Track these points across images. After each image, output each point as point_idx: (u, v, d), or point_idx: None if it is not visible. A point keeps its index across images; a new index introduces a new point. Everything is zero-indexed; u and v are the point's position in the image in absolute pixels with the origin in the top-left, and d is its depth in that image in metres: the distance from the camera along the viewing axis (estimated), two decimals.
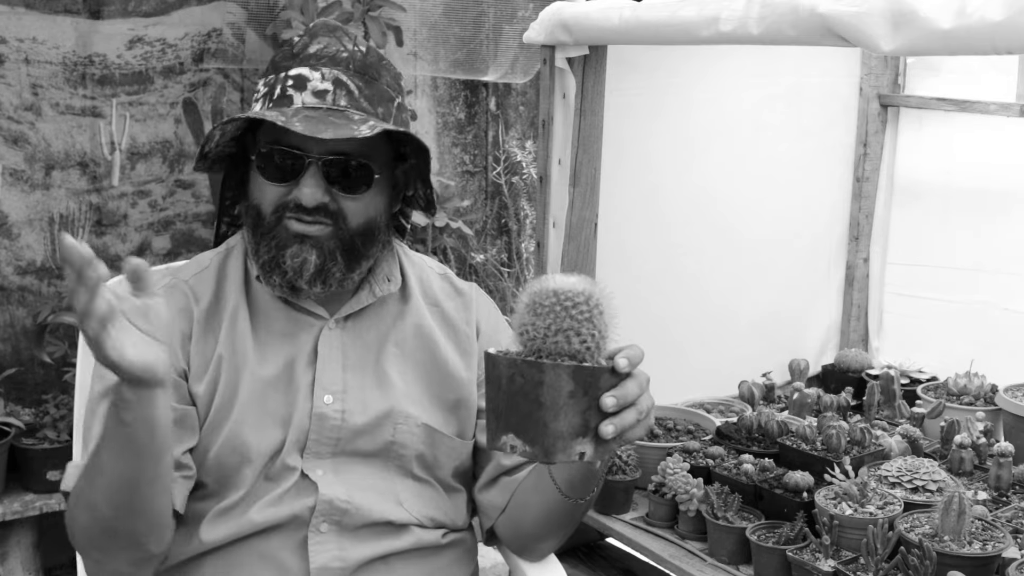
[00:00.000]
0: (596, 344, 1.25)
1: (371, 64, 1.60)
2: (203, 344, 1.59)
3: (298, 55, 1.58)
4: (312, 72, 1.55)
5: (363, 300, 1.65)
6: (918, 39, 1.76)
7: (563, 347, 1.23)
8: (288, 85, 1.55)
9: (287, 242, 1.54)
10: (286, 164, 1.54)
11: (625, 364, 1.24)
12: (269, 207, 1.56)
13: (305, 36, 1.61)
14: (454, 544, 1.68)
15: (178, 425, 1.53)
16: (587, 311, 1.25)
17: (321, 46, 1.58)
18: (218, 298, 1.63)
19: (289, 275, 1.55)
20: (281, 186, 1.55)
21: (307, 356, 1.61)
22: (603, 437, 1.23)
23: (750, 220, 3.05)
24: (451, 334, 1.72)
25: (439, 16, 4.06)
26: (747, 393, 2.88)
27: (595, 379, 1.23)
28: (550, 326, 1.24)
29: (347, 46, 1.59)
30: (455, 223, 3.86)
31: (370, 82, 1.58)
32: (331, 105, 1.53)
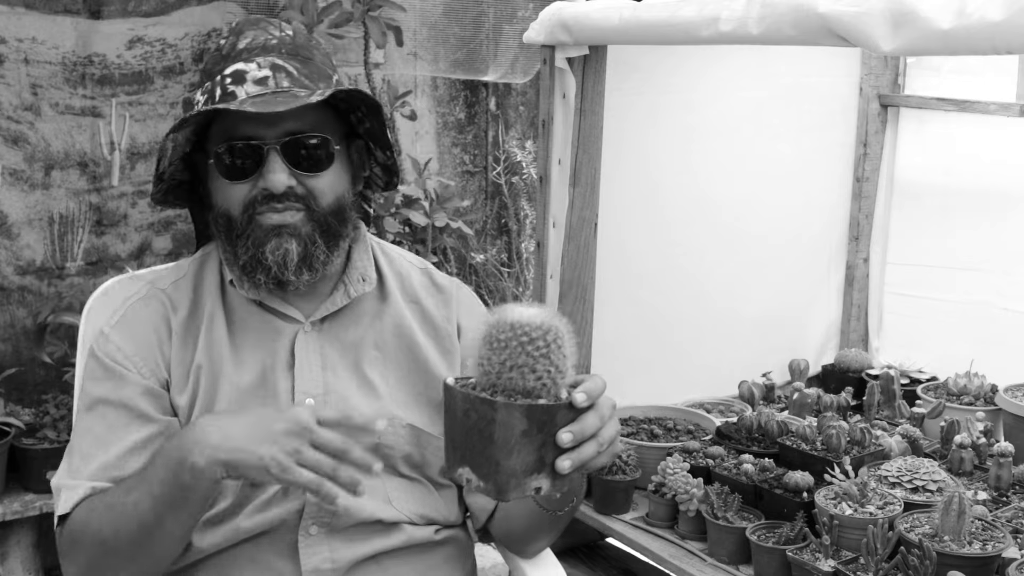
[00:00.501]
0: (552, 380, 1.22)
1: (301, 45, 1.59)
2: (182, 353, 1.58)
3: (228, 55, 1.56)
4: (247, 64, 1.54)
5: (338, 301, 1.63)
6: (918, 39, 1.76)
7: (518, 384, 1.21)
8: (227, 83, 1.53)
9: (264, 238, 1.53)
10: (245, 157, 1.52)
11: (583, 399, 1.22)
12: (238, 207, 1.54)
13: (230, 36, 1.60)
14: (448, 541, 1.67)
15: (162, 438, 1.53)
16: (543, 346, 1.21)
17: (249, 39, 1.57)
18: (196, 305, 1.62)
19: (274, 270, 1.53)
20: (245, 182, 1.53)
21: (284, 361, 1.60)
22: (560, 472, 1.21)
23: (750, 220, 3.05)
24: (431, 332, 1.69)
25: (439, 16, 4.06)
26: (747, 393, 2.88)
27: (550, 416, 1.21)
28: (505, 361, 1.21)
29: (274, 33, 1.58)
30: (455, 223, 3.86)
31: (305, 61, 1.57)
32: (275, 88, 1.52)
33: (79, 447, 1.54)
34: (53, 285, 3.26)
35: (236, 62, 1.54)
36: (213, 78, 1.55)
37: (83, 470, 1.51)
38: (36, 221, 3.23)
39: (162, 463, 1.39)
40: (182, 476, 1.35)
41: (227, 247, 1.57)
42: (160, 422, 1.54)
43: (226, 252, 1.58)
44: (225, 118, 1.53)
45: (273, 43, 1.56)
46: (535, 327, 1.21)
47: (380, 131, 1.64)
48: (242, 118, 1.51)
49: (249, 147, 1.52)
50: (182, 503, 1.39)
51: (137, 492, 1.41)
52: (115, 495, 1.45)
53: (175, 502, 1.38)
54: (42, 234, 3.25)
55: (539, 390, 1.21)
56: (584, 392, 1.22)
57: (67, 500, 1.50)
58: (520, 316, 1.22)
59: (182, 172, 1.64)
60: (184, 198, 1.69)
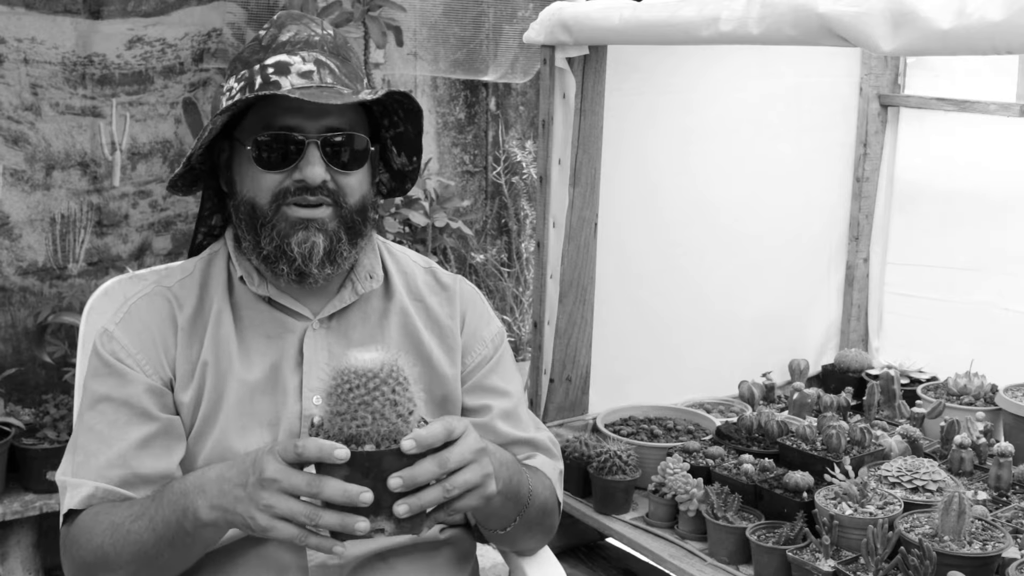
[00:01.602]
0: (377, 426, 1.23)
1: (341, 45, 1.61)
2: (188, 351, 1.59)
3: (269, 46, 1.56)
4: (291, 57, 1.54)
5: (346, 299, 1.64)
6: (918, 39, 1.76)
7: (343, 431, 1.23)
8: (269, 72, 1.53)
9: (291, 229, 1.53)
10: (286, 148, 1.53)
11: (411, 446, 1.21)
12: (266, 196, 1.54)
13: (272, 28, 1.60)
14: (452, 541, 1.67)
15: (165, 436, 1.54)
16: (364, 394, 1.22)
17: (292, 33, 1.57)
18: (202, 303, 1.62)
19: (298, 262, 1.54)
20: (279, 173, 1.54)
21: (293, 358, 1.60)
22: (398, 516, 1.22)
23: (750, 220, 3.05)
24: (435, 329, 1.70)
25: (439, 16, 4.06)
26: (747, 393, 2.89)
27: (374, 463, 1.22)
28: (332, 409, 1.24)
29: (316, 30, 1.59)
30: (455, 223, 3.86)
31: (344, 61, 1.59)
32: (319, 83, 1.53)
33: (82, 444, 1.54)
34: (54, 286, 3.26)
35: (279, 53, 1.55)
36: (251, 67, 1.55)
37: (87, 467, 1.52)
38: (37, 222, 3.23)
39: (168, 503, 1.41)
40: (184, 523, 1.37)
41: (247, 235, 1.57)
42: (162, 420, 1.54)
43: (247, 240, 1.58)
44: (266, 107, 1.53)
45: (316, 39, 1.57)
46: (359, 374, 1.23)
47: (415, 136, 1.65)
48: (284, 109, 1.51)
49: (290, 138, 1.52)
50: (182, 545, 1.41)
51: (141, 523, 1.43)
52: (121, 516, 1.46)
53: (175, 543, 1.40)
54: (43, 235, 3.25)
55: (362, 436, 1.23)
56: (414, 439, 1.22)
57: (72, 497, 1.51)
58: (347, 364, 1.24)
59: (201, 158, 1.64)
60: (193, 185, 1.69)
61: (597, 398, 2.83)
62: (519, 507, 1.58)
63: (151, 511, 1.42)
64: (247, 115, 1.56)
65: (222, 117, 1.53)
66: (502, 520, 1.59)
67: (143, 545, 1.42)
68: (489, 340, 1.74)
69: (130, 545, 1.43)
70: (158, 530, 1.40)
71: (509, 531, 1.61)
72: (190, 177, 1.65)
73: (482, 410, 1.69)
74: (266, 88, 1.51)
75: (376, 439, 1.23)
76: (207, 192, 1.70)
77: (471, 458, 1.29)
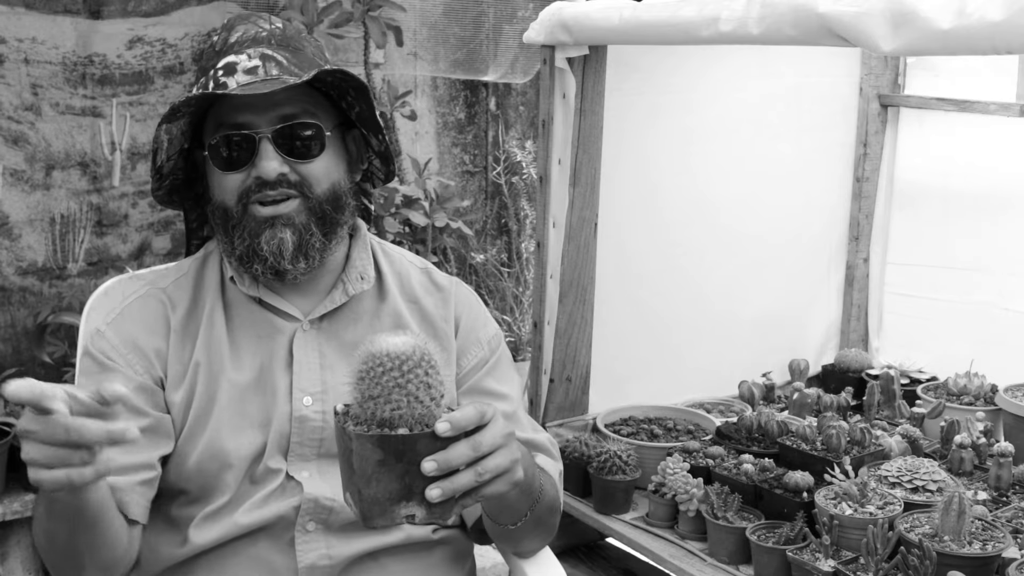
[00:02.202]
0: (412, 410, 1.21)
1: (291, 36, 1.60)
2: (180, 351, 1.59)
3: (221, 49, 1.58)
4: (238, 56, 1.54)
5: (336, 299, 1.64)
6: (918, 39, 1.76)
7: (375, 414, 1.21)
8: (219, 75, 1.53)
9: (259, 228, 1.53)
10: (239, 147, 1.53)
11: (446, 428, 1.19)
12: (232, 198, 1.55)
13: (222, 32, 1.61)
14: (446, 541, 1.67)
15: (152, 432, 1.53)
16: (398, 376, 1.20)
17: (240, 33, 1.58)
18: (195, 303, 1.62)
19: (270, 260, 1.53)
20: (238, 173, 1.54)
21: (283, 359, 1.60)
22: (431, 501, 1.20)
23: (750, 220, 3.05)
24: (430, 332, 1.68)
25: (439, 16, 4.06)
26: (747, 393, 2.89)
27: (408, 446, 1.20)
28: (364, 392, 1.22)
29: (264, 26, 1.59)
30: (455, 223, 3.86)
31: (295, 52, 1.58)
32: (264, 77, 1.53)
33: None
34: (54, 286, 3.26)
35: (227, 55, 1.56)
36: (207, 72, 1.56)
37: None
38: (37, 222, 3.23)
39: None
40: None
41: (224, 239, 1.58)
42: (151, 416, 1.54)
43: (223, 244, 1.59)
44: (219, 109, 1.54)
45: (263, 35, 1.58)
46: (392, 357, 1.21)
47: (369, 114, 1.64)
48: (234, 108, 1.52)
49: (241, 136, 1.53)
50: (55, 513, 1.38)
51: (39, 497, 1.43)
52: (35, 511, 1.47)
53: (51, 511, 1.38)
54: (43, 235, 3.25)
55: (396, 420, 1.21)
56: (448, 421, 1.20)
57: None
58: (379, 347, 1.22)
59: (183, 171, 1.64)
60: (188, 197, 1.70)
61: (597, 398, 2.83)
62: (531, 501, 1.57)
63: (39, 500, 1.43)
64: (206, 120, 1.57)
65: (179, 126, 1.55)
66: (515, 514, 1.57)
67: (40, 517, 1.42)
68: (486, 342, 1.73)
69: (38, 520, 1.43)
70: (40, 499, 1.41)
71: (519, 526, 1.59)
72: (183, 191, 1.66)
73: None
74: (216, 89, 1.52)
75: (410, 423, 1.21)
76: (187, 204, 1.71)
77: (501, 442, 1.26)
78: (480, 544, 1.75)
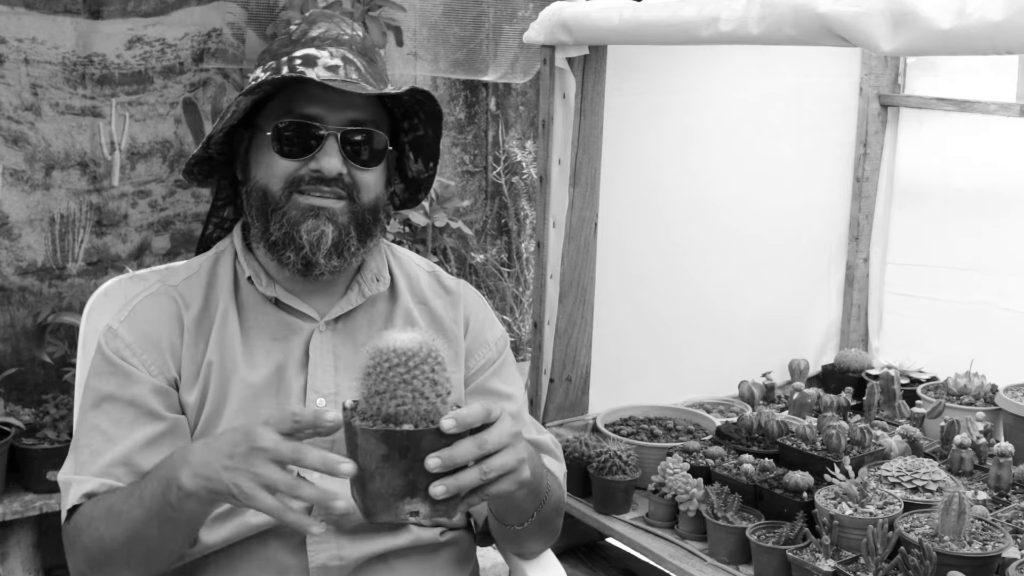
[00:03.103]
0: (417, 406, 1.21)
1: (369, 47, 1.62)
2: (193, 350, 1.58)
3: (298, 40, 1.58)
4: (319, 51, 1.55)
5: (353, 301, 1.64)
6: (918, 39, 1.76)
7: (381, 410, 1.21)
8: (296, 63, 1.54)
9: (301, 217, 1.53)
10: (305, 137, 1.53)
11: (451, 425, 1.19)
12: (278, 184, 1.54)
13: (303, 23, 1.62)
14: (453, 542, 1.67)
15: (172, 435, 1.53)
16: (404, 372, 1.21)
17: (322, 30, 1.59)
18: (208, 302, 1.62)
19: (305, 249, 1.53)
20: (295, 161, 1.54)
21: (298, 360, 1.60)
22: (435, 498, 1.20)
23: (750, 220, 3.05)
24: (439, 333, 1.68)
25: (439, 16, 4.06)
26: (747, 393, 2.89)
27: (413, 442, 1.20)
28: (370, 388, 1.22)
29: (346, 30, 1.61)
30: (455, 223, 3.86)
31: (371, 62, 1.60)
32: (344, 78, 1.54)
33: (86, 443, 1.54)
34: (54, 285, 3.26)
35: (308, 47, 1.56)
36: (279, 58, 1.56)
37: (91, 466, 1.51)
38: (37, 221, 3.23)
39: (155, 477, 1.40)
40: (169, 495, 1.36)
41: (257, 222, 1.57)
42: (168, 420, 1.54)
43: (254, 227, 1.58)
44: (290, 95, 1.54)
45: (345, 38, 1.59)
46: (398, 353, 1.21)
47: (433, 140, 1.66)
48: (307, 99, 1.52)
49: (311, 127, 1.53)
50: (169, 520, 1.39)
51: (132, 500, 1.42)
52: (115, 499, 1.46)
53: (163, 518, 1.39)
54: (43, 234, 3.25)
55: (401, 416, 1.21)
56: (454, 419, 1.20)
57: (76, 493, 1.50)
58: (386, 343, 1.23)
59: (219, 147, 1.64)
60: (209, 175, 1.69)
61: (597, 398, 2.83)
62: (538, 501, 1.57)
63: (140, 487, 1.42)
64: (270, 102, 1.56)
65: (246, 99, 1.53)
66: (521, 515, 1.57)
67: (134, 523, 1.41)
68: (492, 344, 1.74)
69: (122, 524, 1.42)
70: (146, 504, 1.39)
71: (526, 527, 1.59)
72: (207, 167, 1.65)
73: None
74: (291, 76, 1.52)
75: (415, 419, 1.22)
76: (222, 182, 1.70)
77: (508, 441, 1.26)
78: (482, 546, 1.76)
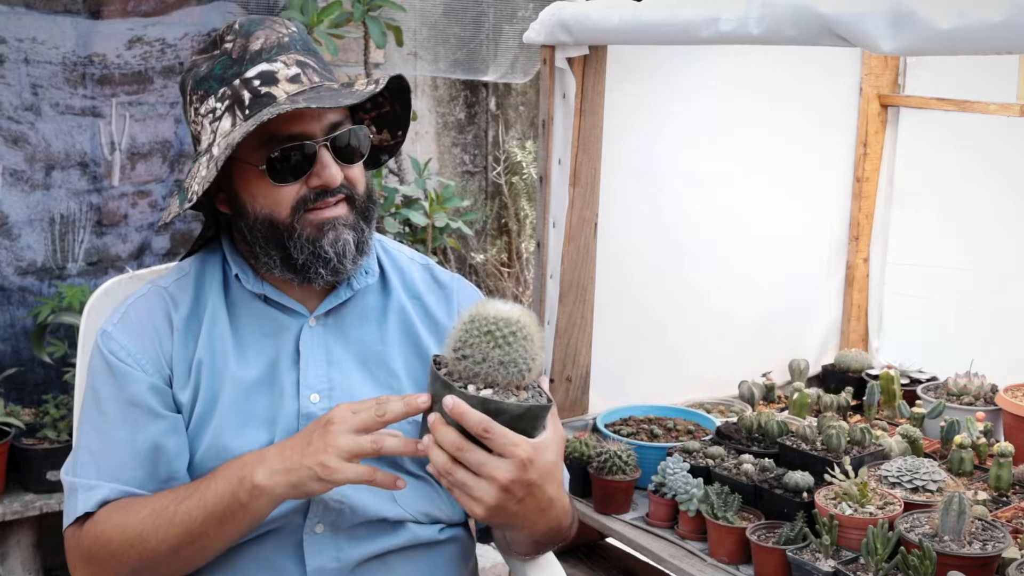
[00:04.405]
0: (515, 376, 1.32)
1: (308, 40, 1.60)
2: (184, 350, 1.58)
3: (242, 58, 1.53)
4: (272, 64, 1.52)
5: (342, 295, 1.64)
6: (918, 39, 1.76)
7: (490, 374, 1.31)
8: (256, 85, 1.50)
9: (319, 233, 1.53)
10: (298, 157, 1.51)
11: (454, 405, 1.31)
12: (285, 210, 1.53)
13: (236, 38, 1.55)
14: (451, 540, 1.67)
15: (175, 434, 1.54)
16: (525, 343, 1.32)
17: (262, 40, 1.54)
18: (197, 302, 1.62)
19: (333, 261, 1.54)
20: (293, 184, 1.53)
21: (290, 356, 1.60)
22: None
23: (750, 220, 3.05)
24: (433, 328, 1.69)
25: (439, 16, 4.06)
26: (747, 393, 2.89)
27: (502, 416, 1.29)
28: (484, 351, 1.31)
29: (283, 31, 1.57)
30: (455, 223, 3.86)
31: (315, 55, 1.59)
32: (310, 84, 1.53)
33: (87, 445, 1.54)
34: (53, 285, 3.26)
35: (257, 63, 1.52)
36: (230, 83, 1.52)
37: (98, 468, 1.51)
38: (37, 221, 3.23)
39: (222, 477, 1.43)
40: (240, 493, 1.40)
41: (272, 251, 1.55)
42: (168, 418, 1.54)
43: (268, 256, 1.56)
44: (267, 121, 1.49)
45: (287, 40, 1.56)
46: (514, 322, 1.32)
47: (403, 112, 1.68)
48: (286, 118, 1.49)
49: (303, 147, 1.51)
50: (232, 519, 1.43)
51: (191, 501, 1.44)
52: (164, 501, 1.47)
53: (226, 517, 1.43)
54: (43, 234, 3.25)
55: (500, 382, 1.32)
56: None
57: (87, 499, 1.50)
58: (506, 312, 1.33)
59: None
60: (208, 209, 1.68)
61: (597, 398, 2.83)
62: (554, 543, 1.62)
63: (202, 488, 1.44)
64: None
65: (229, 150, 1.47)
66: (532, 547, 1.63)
67: (191, 523, 1.43)
68: None
69: (176, 526, 1.44)
70: (208, 506, 1.42)
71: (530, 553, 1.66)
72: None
73: None
74: (261, 101, 1.49)
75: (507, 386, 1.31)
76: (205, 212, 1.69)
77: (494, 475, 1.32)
78: (482, 543, 1.76)
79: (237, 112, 1.51)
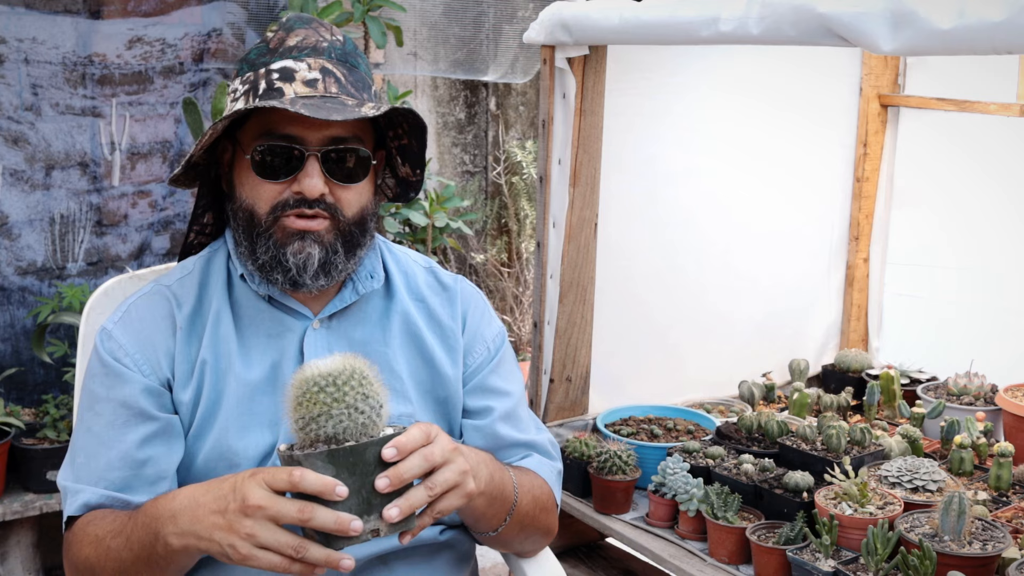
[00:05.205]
0: (352, 421, 1.25)
1: (350, 52, 1.60)
2: (187, 350, 1.58)
3: (276, 49, 1.55)
4: (297, 63, 1.53)
5: (347, 298, 1.64)
6: (918, 39, 1.76)
7: (319, 434, 1.24)
8: (274, 78, 1.52)
9: (287, 240, 1.53)
10: (285, 158, 1.52)
11: (392, 454, 1.25)
12: (265, 206, 1.54)
13: (279, 31, 1.58)
14: (452, 541, 1.67)
15: (165, 435, 1.54)
16: (334, 392, 1.24)
17: (300, 38, 1.56)
18: (201, 301, 1.62)
19: (292, 272, 1.53)
20: (278, 183, 1.53)
21: (293, 357, 1.60)
22: (388, 521, 1.24)
23: (750, 220, 3.06)
24: (437, 330, 1.70)
25: (439, 16, 4.06)
26: (747, 393, 2.89)
27: (358, 456, 1.22)
28: (303, 416, 1.25)
29: (325, 36, 1.58)
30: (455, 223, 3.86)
31: (352, 69, 1.58)
32: (323, 93, 1.52)
33: (81, 446, 1.55)
34: (53, 285, 3.26)
35: (285, 58, 1.54)
36: (257, 69, 1.54)
37: (87, 470, 1.52)
38: (37, 221, 3.23)
39: (141, 525, 1.42)
40: (156, 547, 1.38)
41: (245, 242, 1.57)
42: (160, 420, 1.54)
43: (240, 246, 1.58)
44: (268, 113, 1.52)
45: (324, 46, 1.56)
46: (324, 376, 1.25)
47: (419, 151, 1.66)
48: (286, 119, 1.50)
49: (290, 149, 1.52)
50: (158, 567, 1.42)
51: (119, 540, 1.44)
52: (104, 529, 1.47)
53: (151, 563, 1.41)
54: (43, 234, 3.25)
55: (341, 434, 1.24)
56: (395, 447, 1.25)
57: (72, 504, 1.52)
58: (309, 371, 1.27)
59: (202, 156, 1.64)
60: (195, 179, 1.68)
61: (597, 398, 2.83)
62: (506, 507, 1.58)
63: (128, 529, 1.43)
64: (250, 118, 1.55)
65: (223, 123, 1.52)
66: (490, 521, 1.59)
67: (123, 562, 1.44)
68: (490, 340, 1.74)
69: (111, 561, 1.45)
70: (134, 550, 1.42)
71: (500, 532, 1.61)
72: (192, 172, 1.65)
73: (484, 412, 1.69)
74: (269, 94, 1.50)
75: (355, 434, 1.24)
76: (203, 189, 1.69)
77: (449, 456, 1.32)
78: (481, 544, 1.76)
79: (250, 98, 1.53)
